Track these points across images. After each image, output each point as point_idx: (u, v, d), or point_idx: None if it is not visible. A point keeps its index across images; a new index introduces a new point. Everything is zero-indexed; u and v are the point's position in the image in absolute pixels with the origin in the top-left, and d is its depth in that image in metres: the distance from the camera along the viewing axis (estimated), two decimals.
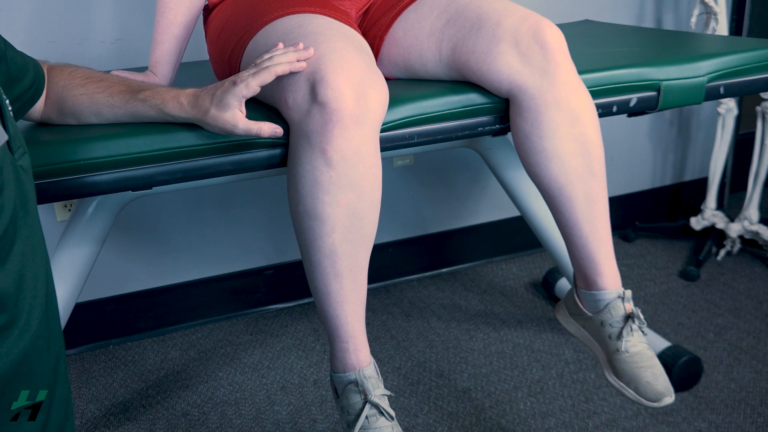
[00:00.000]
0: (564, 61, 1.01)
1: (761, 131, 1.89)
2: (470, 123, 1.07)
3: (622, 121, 2.07)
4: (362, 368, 0.98)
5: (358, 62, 0.90)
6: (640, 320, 1.05)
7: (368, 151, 0.91)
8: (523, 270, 2.02)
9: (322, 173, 0.89)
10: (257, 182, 1.76)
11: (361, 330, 0.99)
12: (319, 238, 0.92)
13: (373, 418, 0.96)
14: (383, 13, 1.13)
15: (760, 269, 1.94)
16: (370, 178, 0.92)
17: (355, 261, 0.95)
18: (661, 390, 1.01)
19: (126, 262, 1.73)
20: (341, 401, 1.00)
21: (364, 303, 0.99)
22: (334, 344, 0.99)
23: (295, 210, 0.94)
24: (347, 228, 0.92)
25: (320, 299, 0.97)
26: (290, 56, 0.89)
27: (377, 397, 0.96)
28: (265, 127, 0.89)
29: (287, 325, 1.80)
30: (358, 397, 0.97)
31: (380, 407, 0.96)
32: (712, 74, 1.19)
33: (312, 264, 0.95)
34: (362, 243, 0.94)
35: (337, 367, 1.00)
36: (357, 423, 0.96)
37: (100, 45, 1.54)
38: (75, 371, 1.65)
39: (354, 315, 0.97)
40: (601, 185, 1.05)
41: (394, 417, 0.97)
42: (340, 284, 0.95)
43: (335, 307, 0.97)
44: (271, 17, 1.01)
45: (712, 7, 1.80)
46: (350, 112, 0.87)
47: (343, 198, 0.90)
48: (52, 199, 0.92)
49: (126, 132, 0.92)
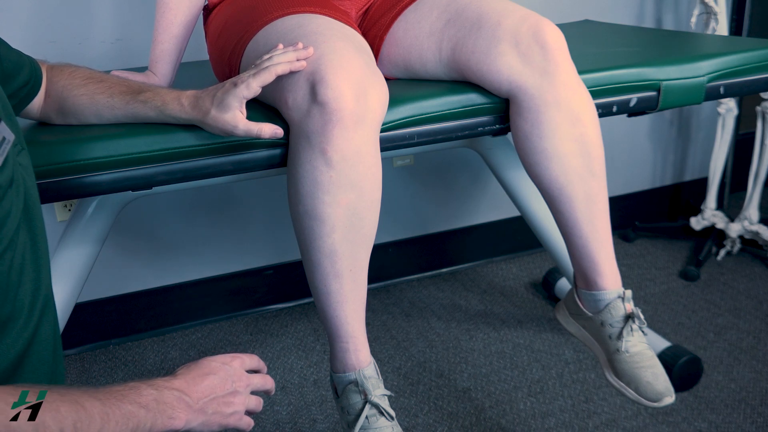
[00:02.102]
0: (564, 61, 1.01)
1: (761, 131, 1.89)
2: (470, 123, 1.07)
3: (622, 121, 2.07)
4: (362, 368, 0.98)
5: (357, 62, 0.90)
6: (641, 320, 1.04)
7: (368, 151, 0.91)
8: (523, 270, 2.02)
9: (322, 173, 0.89)
10: (257, 182, 1.76)
11: (361, 330, 0.99)
12: (319, 238, 0.92)
13: (374, 418, 0.96)
14: (383, 13, 1.13)
15: (760, 269, 1.94)
16: (370, 178, 0.92)
17: (355, 261, 0.95)
18: (662, 390, 1.01)
19: (126, 262, 1.73)
20: (341, 401, 1.00)
21: (364, 303, 0.99)
22: (334, 344, 0.99)
23: (295, 210, 0.94)
24: (347, 228, 0.92)
25: (320, 299, 0.97)
26: (290, 56, 0.89)
27: (377, 397, 0.96)
28: (265, 128, 0.89)
29: (287, 325, 1.80)
30: (358, 397, 0.97)
31: (380, 407, 0.96)
32: (712, 74, 1.19)
33: (312, 264, 0.95)
34: (362, 243, 0.94)
35: (337, 367, 1.00)
36: (357, 423, 0.96)
37: (100, 45, 1.54)
38: (75, 371, 1.65)
39: (354, 315, 0.97)
40: (601, 185, 1.05)
41: (394, 417, 0.97)
42: (340, 284, 0.95)
43: (335, 307, 0.97)
44: (271, 17, 1.01)
45: (712, 7, 1.80)
46: (350, 112, 0.87)
47: (343, 198, 0.90)
48: (52, 199, 0.92)
49: (126, 132, 0.92)
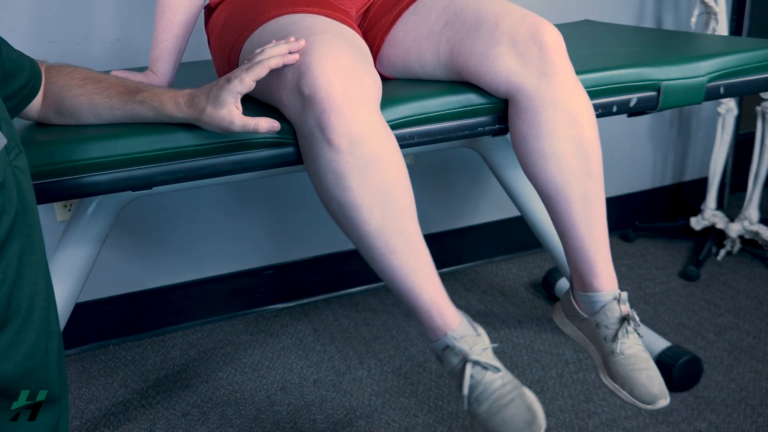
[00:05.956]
0: (562, 62, 1.01)
1: (761, 131, 1.89)
2: (470, 123, 1.07)
3: (622, 121, 2.07)
4: (452, 330, 0.95)
5: (345, 52, 0.90)
6: (635, 322, 1.04)
7: (375, 128, 0.89)
8: (523, 270, 2.02)
9: (338, 162, 0.88)
10: (257, 182, 1.76)
11: (438, 294, 0.95)
12: (362, 224, 0.91)
13: (479, 375, 0.93)
14: (384, 13, 1.13)
15: (760, 269, 1.94)
16: (387, 151, 0.90)
17: (404, 233, 0.92)
18: (656, 392, 1.00)
19: (126, 262, 1.73)
20: (446, 368, 0.97)
21: (432, 268, 0.95)
22: (418, 316, 0.97)
23: (329, 205, 0.93)
24: (384, 205, 0.90)
25: (386, 278, 0.95)
26: (281, 49, 0.88)
27: (475, 354, 0.93)
28: (262, 122, 0.88)
29: (287, 325, 1.80)
30: (457, 359, 0.94)
31: (481, 363, 0.93)
32: (712, 74, 1.19)
33: (365, 249, 0.93)
34: (405, 214, 0.92)
35: (429, 336, 0.97)
36: (463, 385, 0.93)
37: (100, 45, 1.54)
38: (75, 371, 1.65)
39: (425, 282, 0.95)
40: (598, 186, 1.05)
41: (501, 368, 0.94)
42: (399, 259, 0.93)
43: (403, 281, 0.94)
44: (268, 16, 1.01)
45: (712, 7, 1.80)
46: (341, 97, 0.86)
47: (368, 179, 0.89)
48: (52, 199, 0.92)
49: (126, 132, 0.92)
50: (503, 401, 0.92)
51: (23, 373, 0.62)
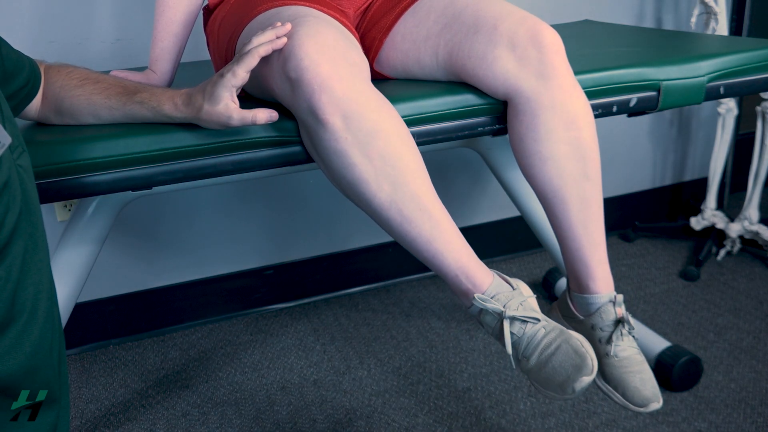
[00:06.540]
0: (561, 65, 1.01)
1: (761, 131, 1.89)
2: (470, 123, 1.07)
3: (622, 121, 2.07)
4: (483, 291, 0.93)
5: (328, 31, 0.90)
6: (630, 325, 1.04)
7: (368, 99, 0.88)
8: (523, 270, 2.02)
9: (338, 141, 0.88)
10: (257, 182, 1.76)
11: (464, 257, 0.93)
12: (373, 197, 0.90)
13: (519, 330, 0.91)
14: (383, 15, 1.13)
15: (760, 269, 1.94)
16: (385, 120, 0.89)
17: (417, 201, 0.91)
18: (649, 396, 1.00)
19: (126, 262, 1.73)
20: (487, 331, 0.96)
21: (453, 231, 0.93)
22: (447, 283, 0.95)
23: (339, 185, 0.92)
24: (392, 176, 0.89)
25: (408, 248, 0.94)
26: (268, 35, 0.88)
27: (511, 311, 0.91)
28: (260, 113, 0.88)
29: (287, 325, 1.80)
30: (494, 319, 0.93)
31: (518, 318, 0.91)
32: (712, 74, 1.19)
33: (382, 221, 0.93)
34: (414, 181, 0.91)
35: (464, 301, 0.96)
36: (505, 343, 0.91)
37: (100, 45, 1.54)
38: (75, 371, 1.65)
39: (447, 247, 0.93)
40: (595, 189, 1.05)
41: (541, 317, 0.92)
42: (416, 228, 0.91)
43: (425, 249, 0.93)
44: (259, 10, 1.02)
45: (712, 7, 1.80)
46: (327, 74, 0.86)
47: (369, 153, 0.88)
48: (52, 199, 0.92)
49: (126, 132, 0.93)
50: (549, 351, 0.90)
51: (26, 371, 0.62)
